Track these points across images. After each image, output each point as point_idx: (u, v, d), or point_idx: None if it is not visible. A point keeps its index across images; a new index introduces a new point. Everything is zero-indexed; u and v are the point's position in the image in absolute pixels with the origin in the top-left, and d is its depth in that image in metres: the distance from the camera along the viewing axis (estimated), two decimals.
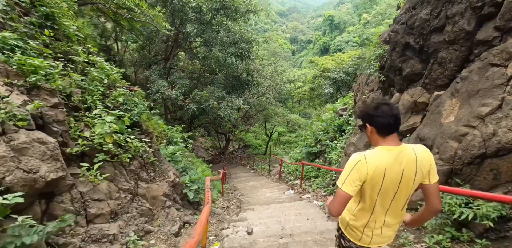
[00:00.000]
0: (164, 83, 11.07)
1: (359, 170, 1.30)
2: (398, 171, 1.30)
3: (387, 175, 1.29)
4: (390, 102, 1.36)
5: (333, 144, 9.21)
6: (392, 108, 1.31)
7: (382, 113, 1.31)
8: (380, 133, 1.35)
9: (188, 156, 9.22)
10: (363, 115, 1.44)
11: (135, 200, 3.77)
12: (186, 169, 5.98)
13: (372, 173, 1.28)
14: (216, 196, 8.30)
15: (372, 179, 1.30)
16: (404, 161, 1.30)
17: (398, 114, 1.32)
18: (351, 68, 24.19)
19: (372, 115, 1.36)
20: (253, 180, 12.74)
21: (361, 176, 1.30)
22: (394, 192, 1.35)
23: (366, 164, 1.29)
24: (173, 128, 8.91)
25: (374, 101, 1.40)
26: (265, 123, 26.68)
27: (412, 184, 1.34)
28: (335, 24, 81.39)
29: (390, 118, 1.29)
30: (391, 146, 1.32)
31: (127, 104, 4.46)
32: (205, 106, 11.35)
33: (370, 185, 1.33)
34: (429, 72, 4.68)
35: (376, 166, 1.28)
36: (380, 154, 1.31)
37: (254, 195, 8.52)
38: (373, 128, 1.37)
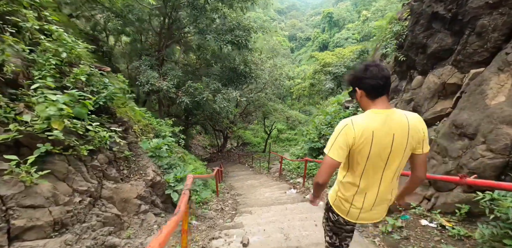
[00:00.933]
0: (155, 74, 10.19)
1: (346, 134, 1.25)
2: (388, 134, 1.24)
3: (376, 138, 1.23)
4: (378, 63, 1.29)
5: None
6: (381, 69, 1.26)
7: (371, 74, 1.26)
8: (369, 96, 1.30)
9: (179, 152, 8.37)
10: (352, 79, 1.37)
11: (97, 204, 2.92)
12: (172, 166, 5.13)
13: (359, 136, 1.23)
14: (210, 197, 7.46)
15: (360, 142, 1.24)
16: (394, 125, 1.25)
17: (388, 75, 1.27)
18: (353, 63, 23.39)
19: (361, 78, 1.30)
20: (252, 178, 11.90)
21: (348, 141, 1.25)
22: (386, 158, 1.29)
23: (353, 128, 1.25)
24: (163, 121, 8.03)
25: (363, 63, 1.32)
26: (264, 120, 25.81)
27: (403, 151, 1.28)
28: (334, 21, 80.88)
29: (379, 79, 1.25)
30: (380, 109, 1.27)
31: (93, 85, 3.60)
32: (199, 99, 10.48)
33: (358, 149, 1.27)
34: (464, 46, 3.85)
35: (363, 129, 1.23)
36: (368, 117, 1.27)
37: (252, 195, 7.69)
38: (362, 91, 1.32)
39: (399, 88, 5.58)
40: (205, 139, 32.20)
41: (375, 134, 1.23)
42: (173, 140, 7.06)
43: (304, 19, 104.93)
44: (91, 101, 3.21)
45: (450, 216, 3.41)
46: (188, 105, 10.38)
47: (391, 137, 1.24)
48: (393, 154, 1.27)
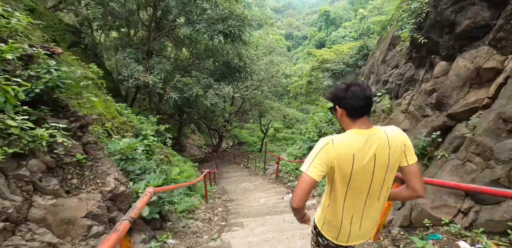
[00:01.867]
0: (139, 67, 9.29)
1: (326, 152, 1.17)
2: (369, 156, 1.17)
3: (356, 161, 1.17)
4: (360, 82, 1.22)
5: None
6: (363, 89, 1.19)
7: (352, 94, 1.19)
8: (350, 116, 1.23)
9: (165, 153, 7.50)
10: (332, 97, 1.30)
11: (19, 230, 2.06)
12: (148, 170, 4.27)
13: (339, 158, 1.17)
14: (199, 203, 6.62)
15: (340, 165, 1.18)
16: (375, 145, 1.18)
17: (370, 95, 1.20)
18: (352, 59, 22.66)
19: (341, 97, 1.23)
20: (247, 180, 11.07)
21: (328, 160, 1.17)
22: (369, 181, 1.22)
23: (333, 148, 1.17)
24: (145, 119, 7.16)
25: (344, 82, 1.26)
26: (260, 118, 24.98)
27: (386, 169, 1.21)
28: (331, 20, 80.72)
29: (361, 100, 1.18)
30: (362, 129, 1.21)
31: (29, 68, 2.72)
32: (188, 95, 9.60)
33: (339, 172, 1.20)
34: (507, 20, 3.06)
35: (344, 151, 1.17)
36: (349, 138, 1.19)
37: (246, 201, 6.86)
38: (343, 110, 1.25)
39: (415, 78, 4.79)
40: (200, 138, 31.28)
41: (355, 157, 1.17)
42: (155, 140, 6.21)
43: (301, 18, 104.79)
44: (21, 88, 2.36)
45: (499, 237, 2.62)
46: (177, 101, 9.50)
47: (372, 158, 1.19)
48: (376, 175, 1.22)
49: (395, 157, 1.21)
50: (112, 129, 5.34)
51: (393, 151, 1.20)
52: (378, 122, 5.38)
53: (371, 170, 1.19)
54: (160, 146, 7.60)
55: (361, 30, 51.30)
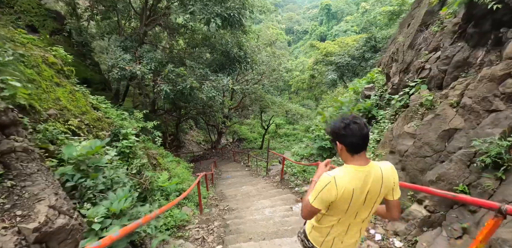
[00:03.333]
0: (126, 56, 8.16)
1: (329, 191, 1.31)
2: (366, 189, 1.33)
3: (355, 195, 1.32)
4: (359, 120, 1.32)
5: None
6: (361, 128, 1.29)
7: (351, 132, 1.29)
8: (349, 151, 1.34)
9: (152, 154, 6.41)
10: (332, 133, 1.41)
11: None
12: (116, 185, 3.18)
13: (341, 195, 1.30)
14: (191, 215, 5.55)
15: (341, 199, 1.32)
16: (370, 180, 1.32)
17: (367, 133, 1.31)
18: (358, 51, 21.47)
19: (341, 134, 1.34)
20: (248, 182, 10.01)
21: (331, 197, 1.32)
22: (357, 211, 1.39)
23: (336, 186, 1.30)
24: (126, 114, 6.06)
25: (343, 120, 1.35)
26: (261, 114, 23.86)
27: (375, 200, 1.38)
28: (332, 14, 79.59)
29: (359, 138, 1.29)
30: (360, 166, 1.33)
31: None
32: (182, 87, 8.49)
33: (338, 204, 1.34)
34: None
35: (345, 188, 1.30)
36: (349, 175, 1.31)
37: (248, 211, 5.78)
38: (342, 146, 1.36)
39: (470, 61, 3.69)
40: (199, 134, 30.22)
41: (355, 192, 1.31)
42: (136, 140, 5.11)
43: (301, 12, 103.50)
44: None
45: None
46: (169, 95, 8.38)
47: (365, 193, 1.33)
48: (366, 204, 1.37)
49: (384, 191, 1.39)
50: (80, 127, 4.24)
51: (384, 187, 1.37)
52: (414, 120, 4.29)
53: (362, 202, 1.36)
54: (147, 146, 6.51)
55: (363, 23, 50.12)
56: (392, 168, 1.40)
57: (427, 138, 3.74)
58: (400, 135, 4.36)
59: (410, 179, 3.91)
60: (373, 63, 18.91)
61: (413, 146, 3.95)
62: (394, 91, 6.44)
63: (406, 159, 4.02)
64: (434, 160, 3.61)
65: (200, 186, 8.03)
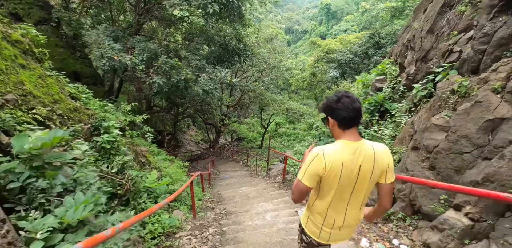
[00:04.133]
0: (115, 45, 7.50)
1: (316, 164, 1.28)
2: (355, 165, 1.28)
3: (344, 170, 1.28)
4: (350, 94, 1.30)
5: (370, 132, 5.86)
6: (352, 101, 1.27)
7: (343, 106, 1.27)
8: (340, 126, 1.32)
9: (140, 151, 5.75)
10: (325, 108, 1.39)
11: None
12: (80, 186, 2.52)
13: (329, 167, 1.27)
14: (183, 219, 4.90)
15: (330, 173, 1.28)
16: (362, 156, 1.29)
17: (359, 107, 1.29)
18: (361, 48, 20.84)
19: (333, 108, 1.31)
20: (247, 183, 9.36)
21: (319, 171, 1.29)
22: (352, 188, 1.34)
23: (324, 158, 1.27)
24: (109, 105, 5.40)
25: (336, 94, 1.33)
26: (261, 112, 23.19)
27: (368, 180, 1.33)
28: (332, 13, 79.44)
29: (350, 111, 1.26)
30: (351, 141, 1.30)
31: None
32: (176, 80, 7.83)
33: (328, 179, 1.31)
34: None
35: (334, 160, 1.27)
36: (339, 149, 1.29)
37: (247, 215, 5.13)
38: (334, 121, 1.33)
39: None
40: (198, 134, 29.57)
41: (344, 166, 1.27)
42: (120, 133, 4.45)
43: (301, 12, 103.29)
44: None
45: None
46: (162, 87, 7.72)
47: (357, 168, 1.29)
48: (358, 184, 1.33)
49: (377, 172, 1.32)
50: (51, 118, 3.58)
51: (377, 167, 1.31)
52: (444, 110, 3.64)
53: (355, 179, 1.31)
54: (135, 143, 5.86)
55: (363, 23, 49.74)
56: (386, 149, 1.36)
57: (464, 131, 3.10)
58: (427, 128, 3.72)
59: (442, 180, 3.27)
60: (377, 60, 18.31)
61: (445, 140, 3.31)
62: (409, 82, 5.81)
63: (437, 156, 3.38)
64: (474, 157, 2.97)
65: (195, 186, 7.40)
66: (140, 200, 4.24)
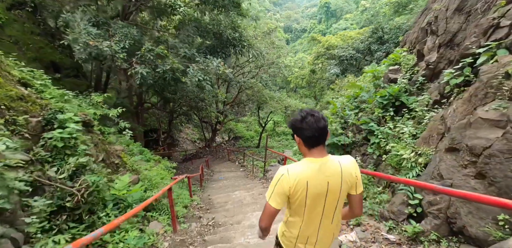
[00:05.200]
0: (92, 29, 6.59)
1: (282, 183, 1.29)
2: (323, 182, 1.29)
3: (310, 187, 1.28)
4: (316, 113, 1.29)
5: (384, 130, 5.01)
6: (317, 120, 1.26)
7: (307, 125, 1.27)
8: (306, 145, 1.32)
9: (114, 150, 4.85)
10: (291, 126, 1.38)
11: None
12: None
13: (294, 186, 1.27)
14: (161, 233, 4.02)
15: (295, 192, 1.28)
16: (328, 172, 1.29)
17: (324, 125, 1.27)
18: (363, 44, 19.98)
19: (298, 127, 1.31)
20: (242, 186, 8.49)
21: (285, 190, 1.29)
22: (322, 204, 1.34)
23: (288, 177, 1.28)
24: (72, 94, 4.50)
25: (301, 112, 1.33)
26: (258, 110, 22.29)
27: (338, 195, 1.34)
28: (331, 12, 78.90)
29: (315, 131, 1.26)
30: (316, 158, 1.30)
31: None
32: (162, 70, 6.93)
33: (295, 198, 1.30)
34: None
35: (298, 179, 1.27)
36: (303, 167, 1.30)
37: (239, 230, 4.25)
38: (300, 139, 1.33)
39: None
40: (194, 132, 28.65)
41: (309, 183, 1.27)
42: (78, 129, 3.55)
43: (300, 11, 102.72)
44: None
45: None
46: (146, 78, 6.82)
47: (325, 183, 1.29)
48: (329, 199, 1.32)
49: (345, 186, 1.33)
50: None
51: (345, 181, 1.31)
52: (494, 100, 2.79)
53: (324, 194, 1.30)
54: (107, 140, 4.95)
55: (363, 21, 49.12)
56: (353, 161, 1.37)
57: None
58: (470, 123, 2.86)
59: (498, 193, 2.42)
60: (380, 56, 17.50)
61: (503, 139, 2.45)
62: (430, 71, 4.96)
63: (489, 161, 2.52)
64: None
65: (183, 191, 6.51)
66: (100, 214, 3.35)
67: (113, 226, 2.23)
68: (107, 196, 3.67)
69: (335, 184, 1.29)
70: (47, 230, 2.77)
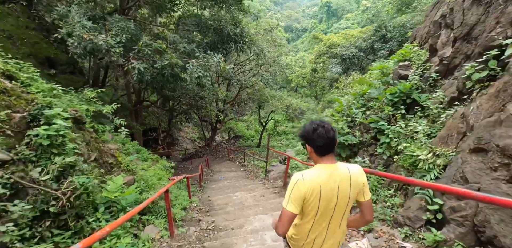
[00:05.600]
0: (87, 23, 6.30)
1: (298, 188, 1.35)
2: (334, 187, 1.36)
3: (323, 191, 1.35)
4: (326, 124, 1.39)
5: (395, 128, 4.71)
6: (327, 131, 1.36)
7: (318, 136, 1.36)
8: (317, 153, 1.40)
9: (107, 151, 4.55)
10: (303, 137, 1.47)
11: None
12: None
13: (310, 190, 1.33)
14: (157, 238, 3.73)
15: (310, 195, 1.34)
16: (339, 178, 1.37)
17: (333, 136, 1.37)
18: (366, 42, 19.65)
19: (310, 138, 1.40)
20: (243, 187, 8.20)
21: (301, 194, 1.34)
22: (333, 208, 1.40)
23: (304, 182, 1.34)
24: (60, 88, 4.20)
25: (312, 124, 1.43)
26: (259, 109, 21.97)
27: (347, 200, 1.40)
28: (332, 11, 78.65)
29: (325, 140, 1.35)
30: (327, 164, 1.38)
31: None
32: (161, 65, 6.64)
33: (309, 202, 1.36)
34: None
35: (313, 183, 1.34)
36: (316, 172, 1.37)
37: (241, 235, 3.96)
38: (311, 148, 1.41)
39: None
40: (194, 131, 28.35)
41: (322, 187, 1.34)
42: (66, 126, 3.25)
43: (301, 11, 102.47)
44: None
45: None
46: (143, 74, 6.52)
47: (336, 188, 1.36)
48: (339, 204, 1.40)
49: (355, 192, 1.42)
50: None
51: (353, 188, 1.40)
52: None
53: (334, 199, 1.38)
54: (101, 139, 4.66)
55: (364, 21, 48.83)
56: (361, 170, 1.45)
57: None
58: (499, 121, 2.57)
59: None
60: (383, 54, 17.19)
61: None
62: (444, 67, 4.66)
63: None
64: None
65: (181, 192, 6.22)
66: (91, 218, 3.06)
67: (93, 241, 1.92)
68: (99, 198, 3.38)
69: (345, 189, 1.37)
70: (28, 238, 2.48)
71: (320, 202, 1.35)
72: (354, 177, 1.39)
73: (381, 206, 4.17)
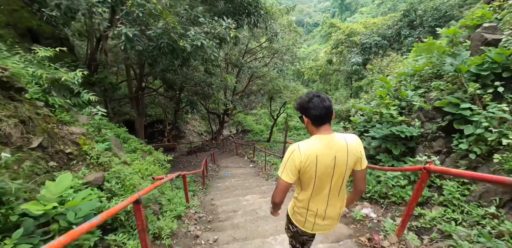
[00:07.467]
0: None
1: (294, 158, 1.38)
2: (330, 156, 1.39)
3: (320, 161, 1.37)
4: (321, 94, 1.40)
5: (495, 115, 3.12)
6: (322, 100, 1.37)
7: (314, 105, 1.37)
8: (313, 124, 1.42)
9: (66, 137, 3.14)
10: (299, 108, 1.48)
11: None
12: None
13: (305, 160, 1.37)
14: None
15: (306, 165, 1.38)
16: (335, 148, 1.39)
17: (329, 105, 1.38)
18: (391, 30, 17.68)
19: (305, 108, 1.42)
20: (254, 187, 6.74)
21: (296, 164, 1.38)
22: (330, 177, 1.43)
23: (299, 152, 1.37)
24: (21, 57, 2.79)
25: (307, 95, 1.45)
26: (270, 102, 20.39)
27: (345, 169, 1.44)
28: (345, 5, 76.29)
29: (321, 110, 1.36)
30: (323, 135, 1.40)
31: None
32: (155, 33, 5.20)
33: (305, 171, 1.40)
34: None
35: (309, 153, 1.37)
36: (312, 143, 1.39)
37: None
38: (308, 119, 1.43)
39: None
40: (202, 124, 27.10)
41: (318, 157, 1.37)
42: None
43: (312, 5, 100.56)
44: None
45: None
46: (133, 42, 5.11)
47: (333, 158, 1.39)
48: (336, 173, 1.43)
49: (351, 161, 1.44)
50: None
51: (350, 157, 1.42)
52: None
53: (331, 169, 1.41)
54: (59, 118, 3.25)
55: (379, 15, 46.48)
56: (358, 139, 1.46)
57: None
58: None
59: None
60: (410, 42, 15.33)
61: None
62: None
63: None
64: None
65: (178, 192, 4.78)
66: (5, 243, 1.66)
67: None
68: (18, 211, 1.97)
69: (342, 158, 1.40)
70: None
71: (317, 172, 1.39)
72: (351, 146, 1.41)
73: (475, 232, 2.63)
